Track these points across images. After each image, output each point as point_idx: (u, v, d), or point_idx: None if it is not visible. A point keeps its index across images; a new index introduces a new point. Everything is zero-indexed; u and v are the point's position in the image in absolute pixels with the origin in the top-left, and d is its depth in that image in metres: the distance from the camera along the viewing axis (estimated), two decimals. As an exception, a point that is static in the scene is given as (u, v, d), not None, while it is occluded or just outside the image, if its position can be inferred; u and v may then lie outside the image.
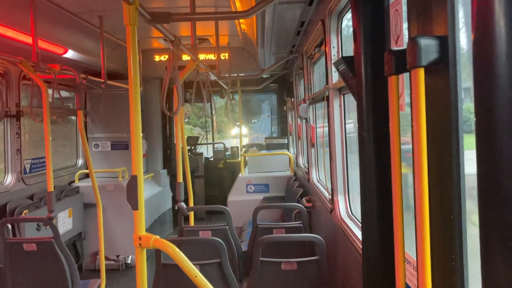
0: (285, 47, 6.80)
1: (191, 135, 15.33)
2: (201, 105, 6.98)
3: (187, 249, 4.31)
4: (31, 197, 6.06)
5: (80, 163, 7.98)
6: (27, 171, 6.17)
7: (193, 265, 2.57)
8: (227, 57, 8.03)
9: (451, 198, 1.40)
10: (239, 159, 9.25)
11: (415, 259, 1.51)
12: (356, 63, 2.27)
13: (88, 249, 7.48)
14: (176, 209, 4.98)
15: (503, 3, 1.05)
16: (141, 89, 7.43)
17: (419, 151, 1.43)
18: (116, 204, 7.27)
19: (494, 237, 1.12)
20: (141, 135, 2.55)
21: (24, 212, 5.54)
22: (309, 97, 6.06)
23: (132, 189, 2.44)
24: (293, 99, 8.91)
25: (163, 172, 9.44)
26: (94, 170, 5.30)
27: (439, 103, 1.44)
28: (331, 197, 4.21)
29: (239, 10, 4.35)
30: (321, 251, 3.55)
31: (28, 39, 4.57)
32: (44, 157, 6.30)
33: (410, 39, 1.45)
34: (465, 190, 1.39)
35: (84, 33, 6.11)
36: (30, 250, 4.25)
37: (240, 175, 8.35)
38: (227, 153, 11.68)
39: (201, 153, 11.37)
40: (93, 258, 7.43)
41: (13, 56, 4.35)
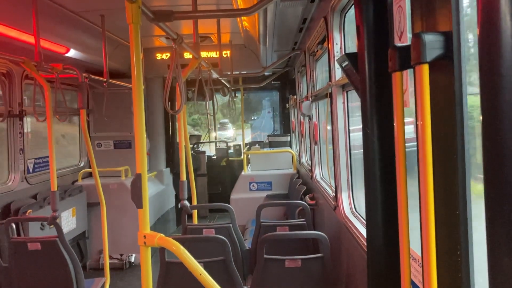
0: (287, 44, 6.79)
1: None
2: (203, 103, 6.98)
3: (191, 247, 4.30)
4: (34, 197, 6.07)
5: (83, 162, 8.00)
6: (31, 170, 6.18)
7: (197, 263, 2.58)
8: (229, 55, 8.02)
9: (456, 193, 1.40)
10: (242, 157, 9.24)
11: (420, 255, 1.51)
12: (359, 60, 2.26)
13: (92, 248, 7.50)
14: (179, 207, 4.99)
15: (509, -3, 1.05)
16: (144, 87, 7.43)
17: (423, 147, 1.43)
18: (119, 203, 7.28)
19: (500, 232, 1.12)
20: (145, 133, 2.55)
21: (28, 211, 5.55)
22: (312, 94, 6.05)
23: (136, 188, 2.44)
24: (295, 97, 8.90)
25: (166, 170, 9.44)
26: (97, 169, 5.30)
27: (443, 99, 1.44)
28: (334, 194, 4.21)
29: (240, 7, 4.34)
30: (325, 248, 3.54)
31: (30, 39, 4.57)
32: (47, 157, 6.32)
33: (414, 35, 1.45)
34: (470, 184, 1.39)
35: (86, 32, 6.11)
36: (34, 249, 4.26)
37: (243, 173, 8.34)
38: (229, 151, 11.68)
39: (204, 152, 11.37)
40: (97, 257, 7.44)
41: (15, 55, 4.36)
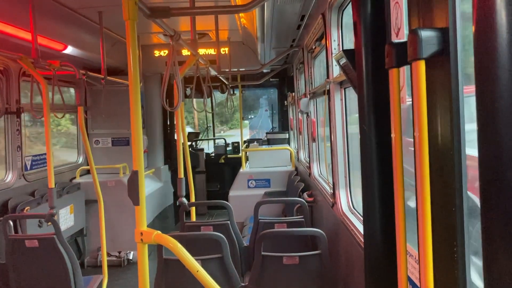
0: (285, 41, 6.78)
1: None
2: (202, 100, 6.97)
3: (189, 244, 4.31)
4: (32, 194, 6.06)
5: (81, 159, 7.98)
6: (28, 167, 6.17)
7: (195, 260, 2.58)
8: (227, 52, 7.99)
9: (453, 190, 1.40)
10: (240, 154, 9.24)
11: (417, 252, 1.51)
12: (357, 56, 2.26)
13: (89, 246, 7.49)
14: (177, 204, 4.98)
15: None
16: (141, 84, 7.42)
17: (420, 144, 1.43)
18: (117, 200, 7.27)
19: (496, 230, 1.12)
20: (142, 130, 2.54)
21: (25, 208, 5.54)
22: (310, 91, 6.04)
23: (133, 185, 2.44)
24: (294, 94, 8.89)
25: (164, 167, 9.43)
26: (95, 166, 5.29)
27: (440, 95, 1.43)
28: (332, 191, 4.21)
29: (238, 4, 4.33)
30: (323, 245, 3.55)
31: (27, 36, 4.55)
32: (44, 154, 6.31)
33: (410, 31, 1.44)
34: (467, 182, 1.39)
35: (83, 29, 6.09)
36: (32, 246, 4.25)
37: (241, 170, 8.34)
38: (228, 149, 11.68)
39: (202, 149, 11.36)
40: (94, 254, 7.44)
41: (12, 52, 4.34)
